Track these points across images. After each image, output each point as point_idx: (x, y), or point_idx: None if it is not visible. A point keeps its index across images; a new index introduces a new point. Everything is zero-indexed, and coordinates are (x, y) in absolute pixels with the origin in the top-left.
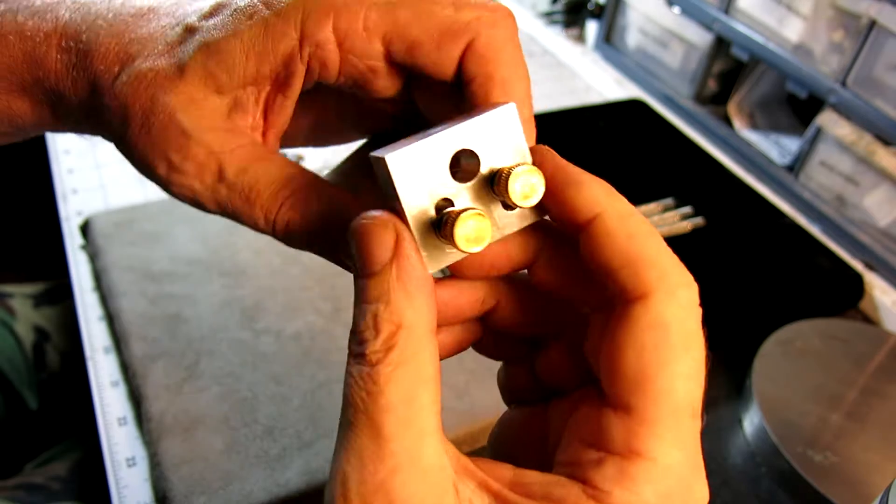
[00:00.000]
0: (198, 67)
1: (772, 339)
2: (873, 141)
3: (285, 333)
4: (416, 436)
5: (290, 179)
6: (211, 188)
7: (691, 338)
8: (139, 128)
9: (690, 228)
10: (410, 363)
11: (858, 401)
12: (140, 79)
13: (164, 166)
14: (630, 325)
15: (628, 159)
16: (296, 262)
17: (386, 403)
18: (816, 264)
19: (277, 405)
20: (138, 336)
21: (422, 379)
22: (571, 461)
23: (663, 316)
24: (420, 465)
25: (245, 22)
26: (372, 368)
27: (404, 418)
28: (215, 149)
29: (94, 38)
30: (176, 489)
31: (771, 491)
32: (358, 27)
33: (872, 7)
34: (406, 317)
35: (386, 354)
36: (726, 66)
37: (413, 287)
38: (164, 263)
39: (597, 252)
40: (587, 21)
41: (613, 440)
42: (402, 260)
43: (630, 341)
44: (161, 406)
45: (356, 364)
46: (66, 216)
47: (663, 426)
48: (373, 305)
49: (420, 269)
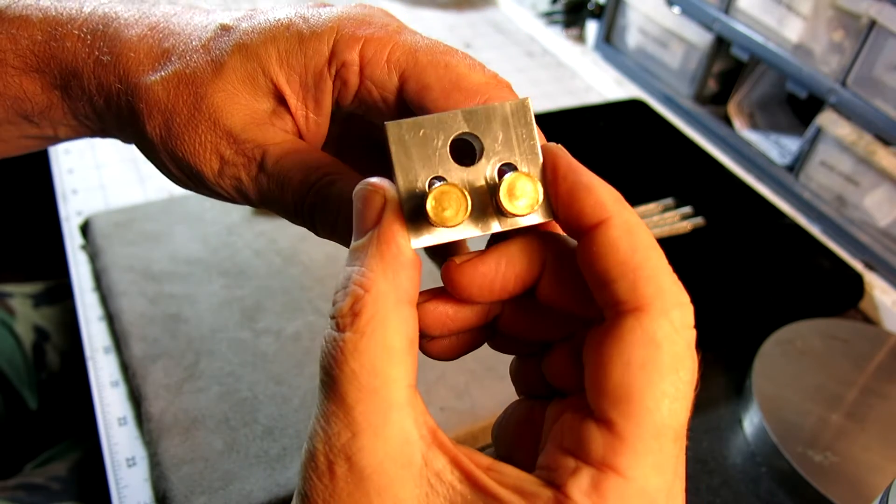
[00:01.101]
0: (237, 66)
1: (772, 339)
2: (873, 141)
3: (285, 333)
4: (382, 406)
5: (321, 169)
6: (255, 178)
7: (681, 358)
8: (184, 125)
9: (690, 228)
10: (377, 332)
11: (858, 401)
12: (180, 78)
13: (217, 160)
14: (620, 338)
15: (628, 159)
16: (296, 262)
17: (350, 372)
18: (816, 264)
19: (277, 405)
20: (138, 336)
21: (389, 350)
22: (549, 465)
23: (655, 333)
24: (383, 434)
25: (283, 32)
26: (339, 334)
27: (368, 388)
28: (261, 141)
29: (123, 27)
30: (176, 489)
31: (771, 491)
32: (381, 58)
33: (872, 7)
34: (377, 284)
35: (353, 320)
36: (726, 66)
37: (390, 255)
38: (164, 263)
39: (597, 258)
40: (587, 21)
41: (591, 452)
42: (383, 226)
43: (618, 355)
44: (161, 406)
45: (329, 328)
46: (66, 216)
47: (644, 446)
48: (349, 268)
49: (401, 238)
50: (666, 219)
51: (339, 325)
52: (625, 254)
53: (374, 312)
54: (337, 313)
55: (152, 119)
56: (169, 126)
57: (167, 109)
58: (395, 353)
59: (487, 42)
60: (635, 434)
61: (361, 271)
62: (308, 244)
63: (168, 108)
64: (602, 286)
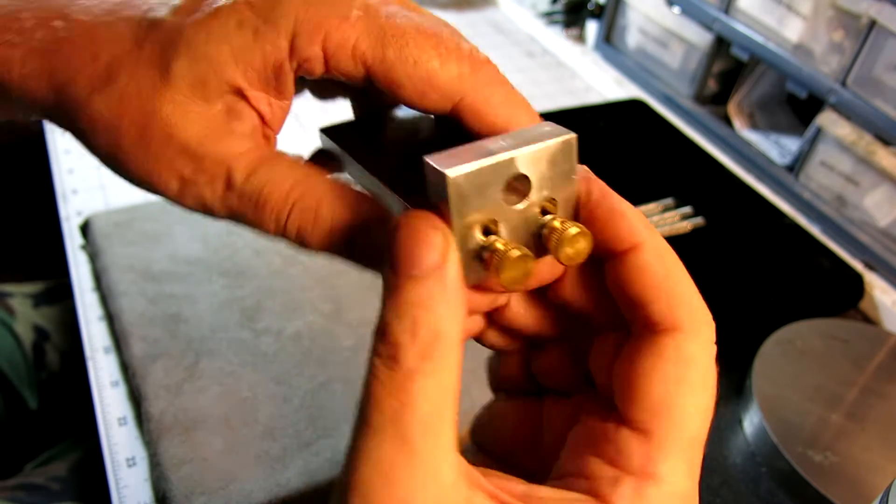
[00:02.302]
0: (185, 73)
1: (772, 339)
2: (873, 141)
3: (285, 333)
4: (441, 451)
5: (299, 181)
6: (221, 197)
7: (710, 374)
8: (135, 145)
9: (690, 228)
10: (444, 374)
11: (858, 401)
12: (124, 94)
13: (176, 181)
14: (657, 355)
15: (628, 159)
16: (296, 262)
17: (418, 415)
18: (816, 264)
19: (277, 405)
20: (138, 336)
21: (451, 392)
22: (584, 474)
23: (690, 352)
24: (440, 482)
25: (233, 28)
26: (405, 375)
27: (434, 432)
28: (222, 155)
29: (53, 31)
30: (176, 489)
31: (771, 491)
32: (347, 52)
33: (872, 7)
34: (445, 327)
35: (421, 362)
36: (726, 66)
37: (454, 297)
38: (164, 263)
39: (631, 281)
40: (587, 21)
41: (631, 460)
42: (448, 268)
43: (657, 371)
44: (161, 406)
45: (385, 367)
46: (66, 216)
47: (680, 454)
48: (413, 309)
49: (460, 281)
50: (666, 219)
51: (403, 366)
52: (659, 278)
53: (442, 356)
54: (401, 354)
55: (97, 138)
56: (118, 145)
57: (112, 128)
58: (455, 394)
59: (487, 42)
60: (673, 443)
61: (429, 315)
62: None
63: (113, 127)
64: (636, 307)
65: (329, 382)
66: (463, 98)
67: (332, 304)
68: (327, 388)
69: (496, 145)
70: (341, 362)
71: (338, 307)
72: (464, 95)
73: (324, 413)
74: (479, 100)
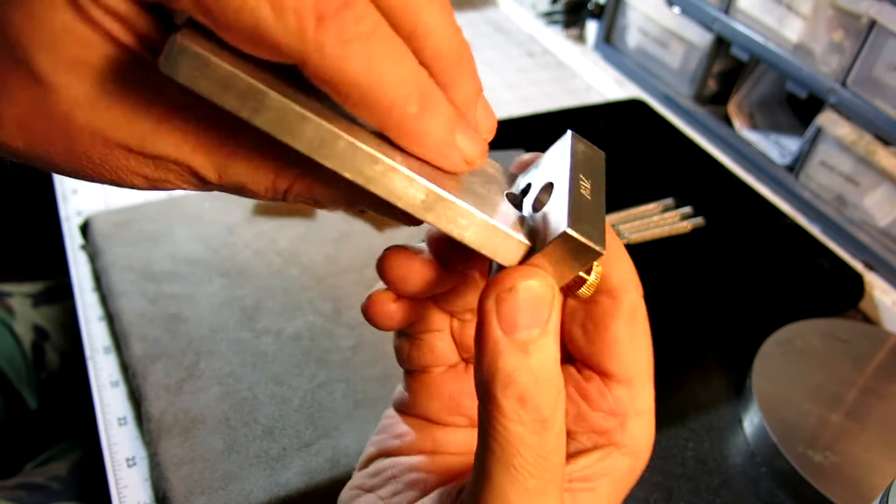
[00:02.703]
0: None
1: (772, 339)
2: (873, 141)
3: (285, 333)
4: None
5: (279, 173)
6: (198, 186)
7: (646, 327)
8: (74, 162)
9: (690, 228)
10: (561, 424)
11: (858, 401)
12: (29, 106)
13: (141, 179)
14: (622, 318)
15: (628, 159)
16: (296, 262)
17: (556, 463)
18: (816, 264)
19: (277, 405)
20: (138, 336)
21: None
22: (591, 430)
23: (639, 307)
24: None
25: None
26: (555, 436)
27: (558, 471)
28: (176, 155)
29: None
30: (176, 489)
31: (771, 491)
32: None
33: (872, 7)
34: (561, 380)
35: (553, 415)
36: (726, 66)
37: (558, 347)
38: (164, 263)
39: (595, 325)
40: (587, 21)
41: (625, 406)
42: (556, 324)
43: (628, 331)
44: (161, 406)
45: (532, 433)
46: (66, 216)
47: (650, 387)
48: (549, 373)
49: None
50: (666, 219)
51: (555, 429)
52: (622, 343)
53: (560, 407)
54: (548, 418)
55: (30, 161)
56: (56, 165)
57: (37, 147)
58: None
59: (487, 42)
60: (647, 381)
61: (557, 371)
62: (308, 244)
63: (40, 148)
64: (591, 344)
65: (329, 382)
66: (305, 62)
67: (332, 304)
68: (327, 388)
69: (563, 183)
70: (341, 362)
71: (337, 307)
72: (306, 59)
73: (324, 413)
74: (329, 71)
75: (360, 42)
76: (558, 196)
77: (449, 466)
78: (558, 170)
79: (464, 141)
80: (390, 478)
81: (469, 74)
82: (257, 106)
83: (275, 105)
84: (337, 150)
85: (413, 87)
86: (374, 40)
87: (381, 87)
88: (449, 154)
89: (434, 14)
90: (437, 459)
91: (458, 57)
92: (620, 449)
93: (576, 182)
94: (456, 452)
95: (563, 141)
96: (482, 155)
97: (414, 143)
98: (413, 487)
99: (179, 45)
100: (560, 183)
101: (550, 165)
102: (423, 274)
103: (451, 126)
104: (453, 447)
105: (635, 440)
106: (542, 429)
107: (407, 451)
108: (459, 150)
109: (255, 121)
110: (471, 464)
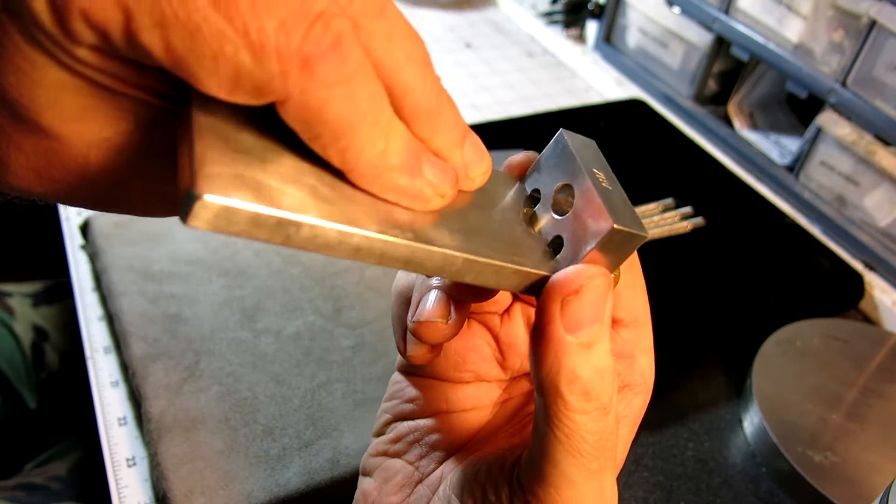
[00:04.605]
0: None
1: (772, 339)
2: (873, 141)
3: (285, 333)
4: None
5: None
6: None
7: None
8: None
9: (690, 228)
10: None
11: (858, 401)
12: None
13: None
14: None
15: (628, 159)
16: (296, 262)
17: (614, 442)
18: (816, 264)
19: (277, 405)
20: (138, 336)
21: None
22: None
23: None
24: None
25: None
26: (607, 415)
27: (616, 453)
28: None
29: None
30: (176, 489)
31: (771, 491)
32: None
33: (872, 7)
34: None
35: (612, 399)
36: (726, 66)
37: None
38: (164, 263)
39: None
40: (587, 21)
41: (631, 347)
42: (609, 317)
43: (627, 286)
44: (161, 406)
45: (594, 421)
46: (66, 216)
47: (650, 324)
48: (605, 360)
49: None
50: (666, 219)
51: (614, 415)
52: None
53: (615, 391)
54: (609, 404)
55: (50, 201)
56: (79, 201)
57: (59, 191)
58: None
59: (487, 42)
60: (648, 324)
61: (612, 358)
62: None
63: (61, 191)
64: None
65: (329, 382)
66: (286, 101)
67: (332, 304)
68: (327, 388)
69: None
70: (341, 362)
71: (338, 307)
72: (287, 98)
73: (324, 413)
74: (303, 106)
75: (344, 85)
76: (586, 195)
77: (466, 423)
78: (568, 169)
79: (430, 172)
80: (413, 442)
81: (448, 125)
82: (292, 234)
83: (305, 233)
84: (375, 252)
85: (382, 130)
86: (356, 83)
87: (355, 129)
88: (415, 190)
89: (413, 74)
90: (452, 418)
91: (438, 111)
92: (633, 389)
93: (593, 177)
94: (469, 408)
95: (558, 140)
96: (452, 186)
97: (374, 183)
98: (437, 448)
99: (200, 203)
100: (580, 182)
101: (554, 166)
102: (454, 328)
103: (415, 160)
104: (465, 403)
105: (644, 378)
106: (602, 415)
107: (422, 414)
108: (427, 182)
109: (289, 245)
110: (485, 419)
